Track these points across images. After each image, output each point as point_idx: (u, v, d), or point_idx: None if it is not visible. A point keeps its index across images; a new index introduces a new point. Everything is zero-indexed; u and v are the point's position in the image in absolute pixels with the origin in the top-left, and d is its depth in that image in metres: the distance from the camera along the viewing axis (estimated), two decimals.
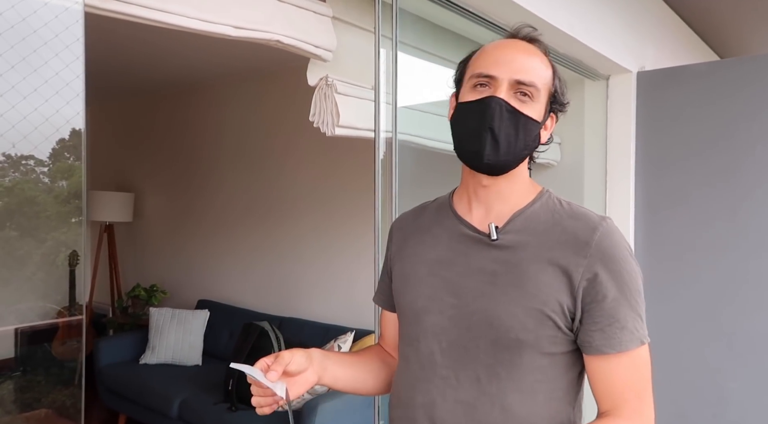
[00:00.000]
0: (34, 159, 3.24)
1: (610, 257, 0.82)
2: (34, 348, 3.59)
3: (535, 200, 0.89)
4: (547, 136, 0.90)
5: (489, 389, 0.83)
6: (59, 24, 1.49)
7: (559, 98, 0.89)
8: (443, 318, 0.86)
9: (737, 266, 2.32)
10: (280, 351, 0.86)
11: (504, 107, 0.82)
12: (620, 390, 0.83)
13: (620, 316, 0.81)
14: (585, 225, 0.84)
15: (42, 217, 3.49)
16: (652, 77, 2.55)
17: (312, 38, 1.44)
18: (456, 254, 0.88)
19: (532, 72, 0.84)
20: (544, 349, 0.83)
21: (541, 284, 0.82)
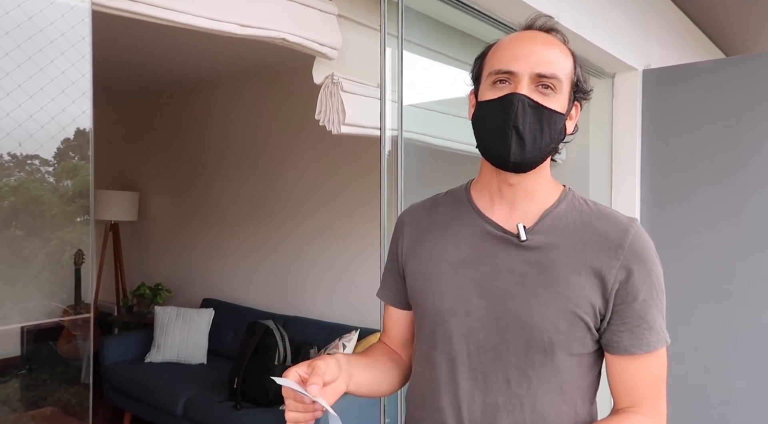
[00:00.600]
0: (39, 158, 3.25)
1: (641, 258, 0.83)
2: (39, 347, 3.60)
3: (561, 200, 0.87)
4: (572, 126, 0.88)
5: (519, 391, 0.83)
6: (65, 23, 1.49)
7: (582, 86, 0.87)
8: (471, 320, 0.85)
9: (743, 264, 2.30)
10: (312, 360, 0.80)
11: (527, 103, 0.80)
12: (641, 389, 0.84)
13: (649, 317, 0.83)
14: (616, 227, 0.84)
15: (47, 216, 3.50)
16: (658, 75, 2.54)
17: (318, 36, 1.44)
18: (482, 254, 0.86)
19: (553, 63, 0.82)
20: (574, 350, 0.83)
21: (573, 286, 0.81)
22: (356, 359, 0.91)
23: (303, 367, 0.79)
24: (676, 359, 2.61)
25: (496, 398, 0.83)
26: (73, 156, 3.35)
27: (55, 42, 1.54)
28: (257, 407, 2.76)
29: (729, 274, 2.33)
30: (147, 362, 3.47)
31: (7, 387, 3.16)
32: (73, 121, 1.93)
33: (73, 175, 3.52)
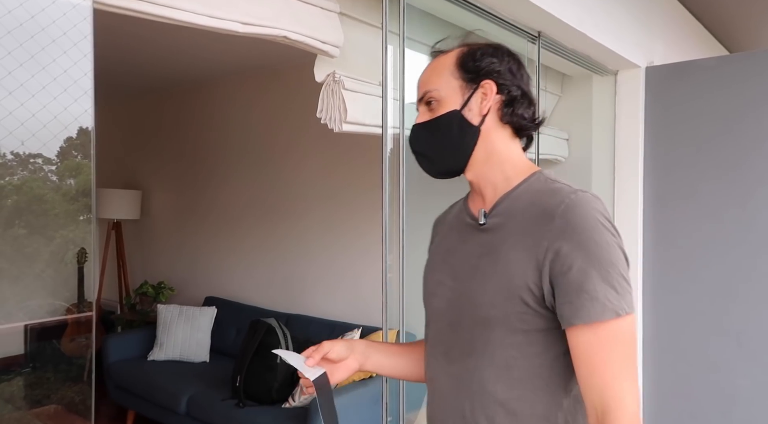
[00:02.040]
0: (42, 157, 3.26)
1: (574, 227, 0.80)
2: (43, 345, 3.62)
3: (521, 183, 0.90)
4: (486, 105, 0.90)
5: (469, 363, 0.88)
6: (67, 21, 1.49)
7: (469, 67, 0.90)
8: (443, 300, 0.94)
9: (747, 261, 2.30)
10: (325, 342, 0.95)
11: (417, 129, 0.94)
12: (600, 369, 0.78)
13: (589, 287, 0.78)
14: (554, 200, 0.84)
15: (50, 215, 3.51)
16: (660, 72, 2.53)
17: (319, 34, 1.44)
18: (458, 241, 0.95)
19: (427, 81, 0.93)
20: (515, 326, 0.84)
21: (510, 262, 0.84)
22: (382, 346, 1.05)
23: (312, 348, 0.95)
24: (680, 356, 2.62)
25: (454, 369, 0.91)
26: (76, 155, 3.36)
27: (57, 41, 1.54)
28: (260, 405, 2.77)
29: (732, 271, 2.33)
30: (150, 360, 3.48)
31: (11, 385, 3.17)
32: (75, 119, 1.94)
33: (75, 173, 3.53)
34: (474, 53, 0.91)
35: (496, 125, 0.91)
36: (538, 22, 1.98)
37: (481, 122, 0.90)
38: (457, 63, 0.90)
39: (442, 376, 0.92)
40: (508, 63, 0.92)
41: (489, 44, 0.93)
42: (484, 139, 0.90)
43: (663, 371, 2.52)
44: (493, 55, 0.91)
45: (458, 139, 0.90)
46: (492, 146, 0.91)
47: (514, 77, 0.91)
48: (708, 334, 2.39)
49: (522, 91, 0.91)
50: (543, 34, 2.09)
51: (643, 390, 2.56)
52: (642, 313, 2.56)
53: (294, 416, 2.62)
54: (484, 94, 0.90)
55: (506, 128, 0.91)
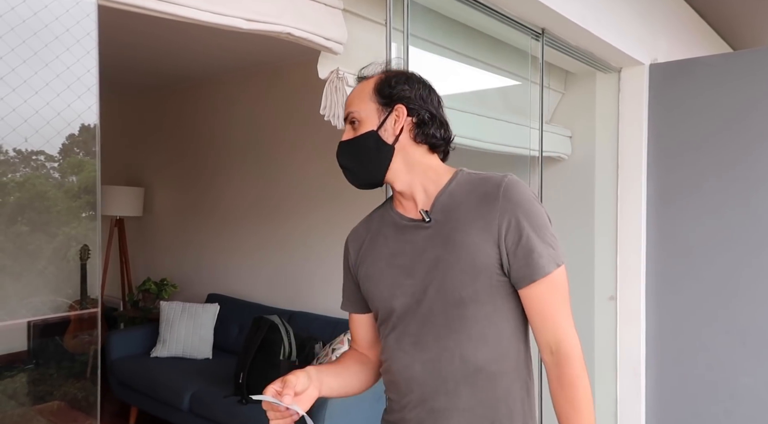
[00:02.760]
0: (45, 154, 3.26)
1: (516, 202, 0.97)
2: (46, 341, 3.62)
3: (451, 180, 1.04)
4: (400, 124, 1.02)
5: (447, 344, 0.99)
6: (71, 18, 1.49)
7: (384, 92, 1.02)
8: (406, 297, 1.02)
9: (750, 259, 2.29)
10: (284, 376, 0.97)
11: (342, 146, 1.06)
12: (551, 313, 0.98)
13: (536, 248, 0.96)
14: (491, 184, 1.00)
15: (53, 212, 3.51)
16: (664, 69, 2.52)
17: (323, 31, 1.43)
18: (403, 244, 1.04)
19: (350, 102, 1.06)
20: (483, 299, 0.98)
21: (468, 245, 0.98)
22: (327, 368, 1.09)
23: (278, 383, 0.96)
24: (684, 354, 2.61)
25: (431, 354, 1.00)
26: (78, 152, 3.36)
27: (61, 37, 1.54)
28: None
29: (736, 269, 2.32)
30: (153, 356, 3.49)
31: (15, 381, 3.18)
32: (79, 116, 1.94)
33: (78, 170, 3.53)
34: (389, 80, 1.03)
35: (411, 143, 1.04)
36: (542, 18, 1.97)
37: (395, 141, 1.03)
38: (375, 89, 1.03)
39: (416, 364, 1.01)
40: (418, 90, 1.04)
41: (403, 72, 1.07)
42: (401, 154, 1.03)
43: (666, 368, 2.52)
44: (405, 82, 1.04)
45: (375, 155, 1.03)
46: (410, 159, 1.04)
47: (423, 102, 1.04)
48: (711, 332, 2.39)
49: (431, 114, 1.04)
50: (547, 30, 2.08)
51: (646, 388, 2.56)
52: (645, 310, 2.56)
53: None
54: (397, 116, 1.02)
55: (421, 146, 1.05)
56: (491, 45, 2.14)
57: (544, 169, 2.31)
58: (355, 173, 1.07)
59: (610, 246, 2.62)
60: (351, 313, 1.18)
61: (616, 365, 2.62)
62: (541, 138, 2.27)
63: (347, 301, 1.18)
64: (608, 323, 2.64)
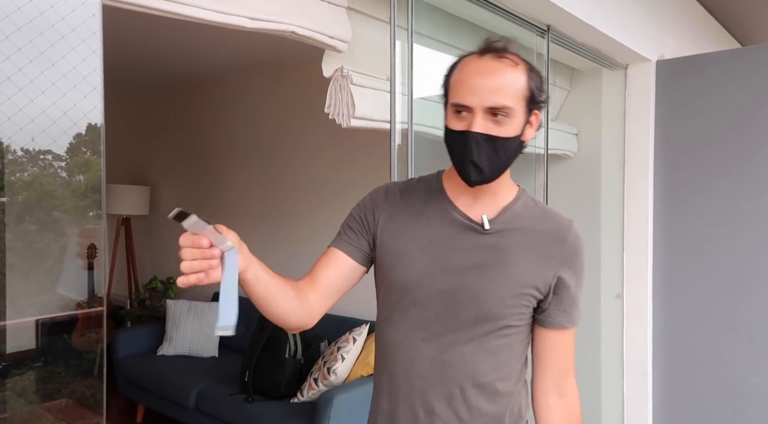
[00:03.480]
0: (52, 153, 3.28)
1: (578, 255, 1.03)
2: (54, 339, 3.65)
3: (518, 198, 1.05)
4: (532, 133, 1.00)
5: (464, 350, 1.00)
6: (76, 18, 1.49)
7: (536, 98, 0.96)
8: (433, 291, 1.00)
9: (758, 258, 2.27)
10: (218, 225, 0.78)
11: (480, 138, 0.93)
12: (566, 357, 1.07)
13: (578, 300, 1.05)
14: (559, 225, 1.04)
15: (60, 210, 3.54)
16: (671, 66, 2.50)
17: (327, 29, 1.43)
18: (449, 237, 1.01)
19: (502, 93, 0.92)
20: (513, 322, 1.01)
21: (521, 269, 0.99)
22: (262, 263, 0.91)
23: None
24: (692, 353, 2.59)
25: (443, 356, 1.00)
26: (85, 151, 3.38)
27: (67, 37, 1.55)
28: (268, 399, 2.78)
29: (744, 267, 2.30)
30: (159, 354, 3.50)
31: (23, 379, 3.20)
32: (85, 116, 1.95)
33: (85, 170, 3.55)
34: (537, 79, 0.96)
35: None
36: (547, 15, 1.96)
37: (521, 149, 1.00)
38: (527, 86, 0.94)
39: (424, 360, 1.01)
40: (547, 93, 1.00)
41: (541, 74, 0.99)
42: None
43: (674, 367, 2.50)
44: (544, 84, 0.99)
45: (507, 161, 0.98)
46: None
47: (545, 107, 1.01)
48: (719, 330, 2.37)
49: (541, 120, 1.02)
50: (552, 27, 2.07)
51: (653, 386, 2.55)
52: (652, 309, 2.55)
53: (302, 410, 2.63)
54: (530, 123, 0.98)
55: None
56: None
57: (550, 166, 2.30)
58: (485, 172, 0.95)
59: (617, 244, 2.61)
60: (335, 249, 1.06)
61: (622, 364, 2.61)
62: (546, 135, 2.26)
63: (346, 243, 1.06)
64: (615, 321, 2.63)
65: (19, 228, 3.25)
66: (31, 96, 1.82)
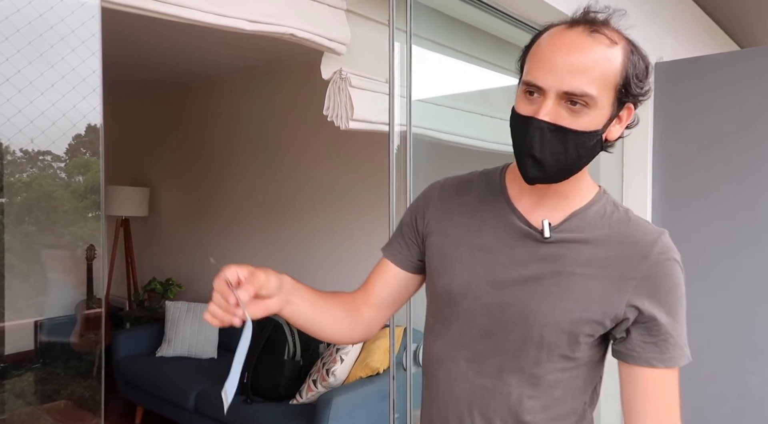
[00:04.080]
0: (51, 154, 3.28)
1: (666, 273, 0.81)
2: (53, 341, 3.65)
3: (593, 202, 0.85)
4: (619, 131, 0.82)
5: (510, 379, 0.84)
6: (76, 19, 1.50)
7: (632, 90, 0.77)
8: (477, 305, 0.86)
9: (758, 261, 2.28)
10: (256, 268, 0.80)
11: (546, 129, 0.76)
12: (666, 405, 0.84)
13: (674, 334, 0.82)
14: (643, 237, 0.82)
15: (59, 212, 3.54)
16: (670, 68, 2.50)
17: (326, 31, 1.43)
18: (502, 244, 0.86)
19: (585, 77, 0.74)
20: (569, 353, 0.83)
21: (586, 291, 0.80)
22: (307, 292, 0.90)
23: (245, 270, 0.79)
24: (691, 354, 2.58)
25: (485, 381, 0.85)
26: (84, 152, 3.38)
27: (66, 39, 1.55)
28: (267, 401, 2.78)
29: (743, 270, 2.31)
30: (158, 356, 3.50)
31: (22, 380, 3.20)
32: (84, 117, 1.95)
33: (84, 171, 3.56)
34: (638, 67, 0.78)
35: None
36: (545, 18, 1.96)
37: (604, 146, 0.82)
38: (623, 75, 0.76)
39: (465, 383, 0.87)
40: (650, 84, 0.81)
41: (646, 55, 0.81)
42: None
43: None
44: (648, 75, 0.80)
45: (582, 159, 0.79)
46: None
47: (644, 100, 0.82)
48: (719, 332, 2.37)
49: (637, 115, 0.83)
50: None
51: None
52: None
53: (301, 412, 2.63)
54: (620, 118, 0.81)
55: None
56: (494, 44, 2.13)
57: None
58: (546, 169, 0.78)
59: None
60: (386, 260, 0.99)
61: None
62: None
63: (396, 251, 0.98)
64: None
65: (18, 229, 3.25)
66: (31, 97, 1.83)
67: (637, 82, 0.78)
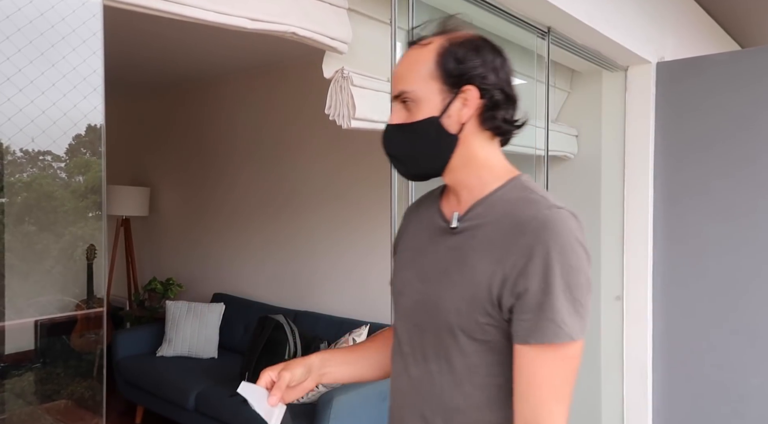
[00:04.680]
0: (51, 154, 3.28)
1: (546, 243, 0.78)
2: (53, 340, 3.65)
3: (498, 188, 0.87)
4: (469, 112, 0.84)
5: (431, 367, 0.88)
6: (77, 19, 1.49)
7: (454, 71, 0.83)
8: (411, 301, 0.92)
9: (758, 259, 2.27)
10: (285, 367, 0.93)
11: (390, 129, 0.88)
12: (540, 385, 0.78)
13: (548, 308, 0.77)
14: (527, 212, 0.81)
15: (60, 211, 3.54)
16: (672, 68, 2.50)
17: (328, 30, 1.43)
18: (428, 242, 0.92)
19: (405, 78, 0.86)
20: (477, 335, 0.83)
21: (477, 272, 0.82)
22: (340, 356, 1.03)
23: (275, 372, 0.93)
24: (691, 354, 2.59)
25: (417, 372, 0.90)
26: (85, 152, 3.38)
27: (67, 38, 1.55)
28: None
29: (744, 269, 2.30)
30: (159, 356, 3.50)
31: (22, 380, 3.20)
32: (85, 117, 1.95)
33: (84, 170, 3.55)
34: (456, 53, 0.83)
35: (476, 130, 0.86)
36: (547, 17, 1.96)
37: (459, 130, 0.85)
38: (437, 63, 0.83)
39: (403, 376, 0.92)
40: (492, 62, 0.85)
41: (471, 39, 0.86)
42: (462, 145, 0.85)
43: (673, 368, 2.50)
44: (477, 54, 0.84)
45: (435, 147, 0.85)
46: (470, 152, 0.86)
47: (498, 79, 0.84)
48: (719, 332, 2.37)
49: (505, 93, 0.85)
50: (552, 29, 2.07)
51: (653, 388, 2.55)
52: (652, 310, 2.54)
53: (302, 412, 2.63)
54: (465, 100, 0.84)
55: (486, 132, 0.87)
56: (497, 44, 2.13)
57: (550, 168, 2.30)
58: (406, 164, 0.89)
59: (617, 246, 2.61)
60: None
61: (622, 366, 2.61)
62: (546, 137, 2.26)
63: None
64: (615, 323, 2.63)
65: (18, 229, 3.24)
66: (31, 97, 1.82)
67: (457, 65, 0.83)
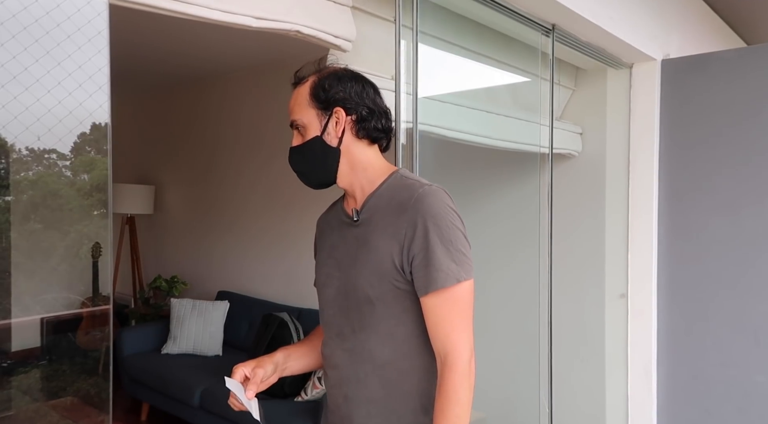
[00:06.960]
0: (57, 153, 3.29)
1: (423, 213, 1.00)
2: (59, 338, 3.66)
3: (383, 183, 1.09)
4: (340, 129, 1.07)
5: (360, 336, 1.07)
6: (82, 17, 1.50)
7: (322, 97, 1.07)
8: (333, 289, 1.12)
9: (764, 256, 2.27)
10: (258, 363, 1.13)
11: (292, 152, 1.12)
12: (442, 323, 1.00)
13: (436, 260, 0.99)
14: (407, 193, 1.04)
15: (65, 210, 3.55)
16: (677, 65, 2.49)
17: (332, 28, 1.43)
18: (339, 238, 1.13)
19: (293, 110, 1.11)
20: (389, 301, 1.04)
21: (378, 249, 1.03)
22: (296, 350, 1.22)
23: (249, 367, 1.12)
24: (696, 352, 2.59)
25: (349, 344, 1.09)
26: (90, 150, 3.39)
27: (73, 36, 1.55)
28: (272, 398, 2.79)
29: (749, 266, 2.30)
30: (164, 353, 3.51)
31: (28, 377, 3.22)
32: (90, 115, 1.95)
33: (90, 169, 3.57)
34: (323, 84, 1.07)
35: (353, 141, 1.08)
36: (552, 14, 1.96)
37: (339, 143, 1.08)
38: (311, 94, 1.08)
39: (338, 351, 1.11)
40: (351, 87, 1.08)
41: (334, 72, 1.10)
42: (346, 155, 1.08)
43: (678, 366, 2.50)
44: (338, 83, 1.07)
45: (323, 159, 1.08)
46: (353, 159, 1.09)
47: (360, 98, 1.08)
48: (724, 330, 2.36)
49: (369, 108, 1.08)
50: (557, 26, 2.07)
51: (657, 386, 2.54)
52: (657, 308, 2.54)
53: (306, 409, 2.64)
54: (337, 119, 1.07)
55: (363, 140, 1.09)
56: (501, 41, 2.13)
57: (555, 166, 2.30)
58: (307, 176, 1.13)
59: (621, 243, 2.60)
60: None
61: (626, 363, 2.60)
62: (551, 135, 2.26)
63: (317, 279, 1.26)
64: (619, 320, 2.62)
65: (24, 227, 3.26)
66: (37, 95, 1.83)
67: (324, 93, 1.07)
